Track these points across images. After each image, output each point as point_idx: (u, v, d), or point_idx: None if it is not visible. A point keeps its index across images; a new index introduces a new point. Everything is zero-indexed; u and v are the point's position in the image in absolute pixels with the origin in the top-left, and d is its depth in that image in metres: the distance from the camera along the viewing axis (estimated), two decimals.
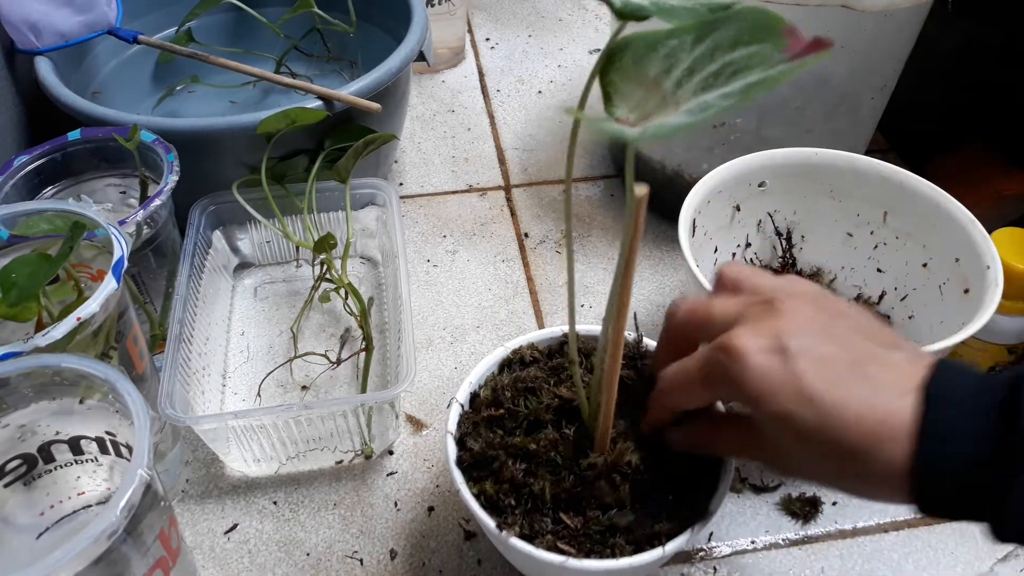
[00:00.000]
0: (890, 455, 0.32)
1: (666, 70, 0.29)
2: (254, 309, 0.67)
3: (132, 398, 0.41)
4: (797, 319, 0.35)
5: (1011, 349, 0.56)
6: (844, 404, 0.33)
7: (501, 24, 1.05)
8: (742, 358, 0.34)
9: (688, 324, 0.40)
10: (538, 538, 0.41)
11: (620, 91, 0.30)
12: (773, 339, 0.34)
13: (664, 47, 0.29)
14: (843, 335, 0.35)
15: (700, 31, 0.29)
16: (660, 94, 0.29)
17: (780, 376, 0.34)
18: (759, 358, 0.34)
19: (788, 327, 0.35)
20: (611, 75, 0.30)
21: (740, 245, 0.64)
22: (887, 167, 0.58)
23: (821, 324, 0.35)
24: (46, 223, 0.49)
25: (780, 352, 0.34)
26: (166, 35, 0.79)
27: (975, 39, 0.72)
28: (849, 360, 0.34)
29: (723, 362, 0.35)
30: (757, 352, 0.34)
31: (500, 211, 0.78)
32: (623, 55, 0.30)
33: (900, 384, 0.33)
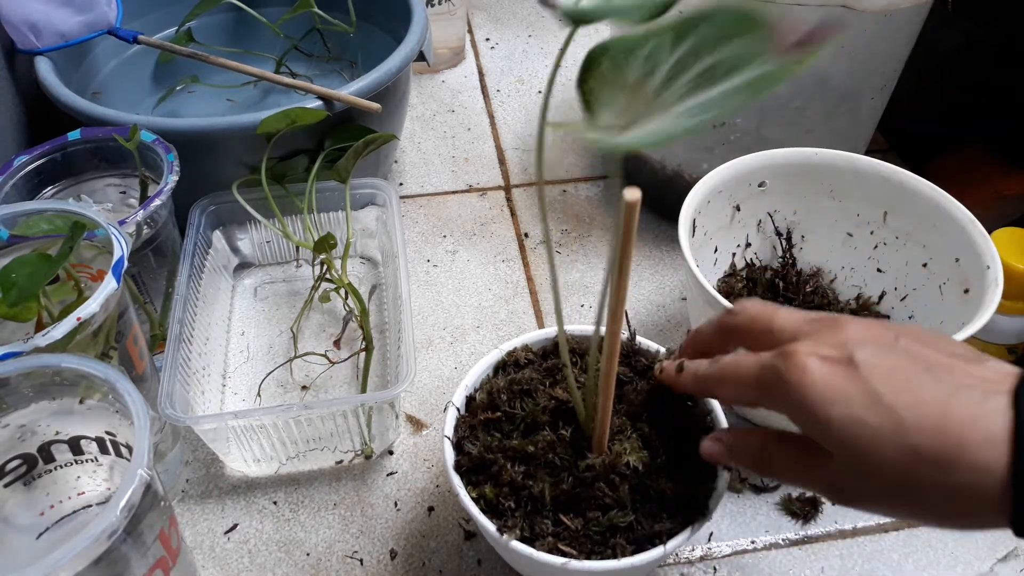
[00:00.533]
0: (985, 461, 0.29)
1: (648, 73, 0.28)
2: (254, 309, 0.67)
3: (132, 398, 0.41)
4: (863, 331, 0.34)
5: (1011, 349, 0.56)
6: (922, 404, 0.30)
7: (501, 24, 1.05)
8: (802, 365, 0.33)
9: (749, 329, 0.38)
10: (539, 540, 0.41)
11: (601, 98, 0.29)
12: (838, 348, 0.33)
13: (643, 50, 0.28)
14: (913, 346, 0.33)
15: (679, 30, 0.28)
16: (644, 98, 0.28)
17: (844, 382, 0.32)
18: (821, 366, 0.33)
19: (854, 338, 0.33)
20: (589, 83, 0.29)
21: (740, 245, 0.64)
22: (887, 167, 0.58)
23: (889, 337, 0.34)
24: (46, 223, 0.49)
25: (845, 361, 0.32)
26: (166, 35, 0.79)
27: (975, 39, 0.72)
28: (923, 366, 0.32)
29: (781, 369, 0.34)
30: (819, 361, 0.33)
31: (500, 211, 0.78)
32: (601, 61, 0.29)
33: (984, 387, 0.30)
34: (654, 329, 0.67)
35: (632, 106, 0.28)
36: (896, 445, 0.30)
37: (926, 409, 0.30)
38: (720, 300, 0.49)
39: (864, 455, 0.31)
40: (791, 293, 0.62)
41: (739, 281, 0.63)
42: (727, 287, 0.63)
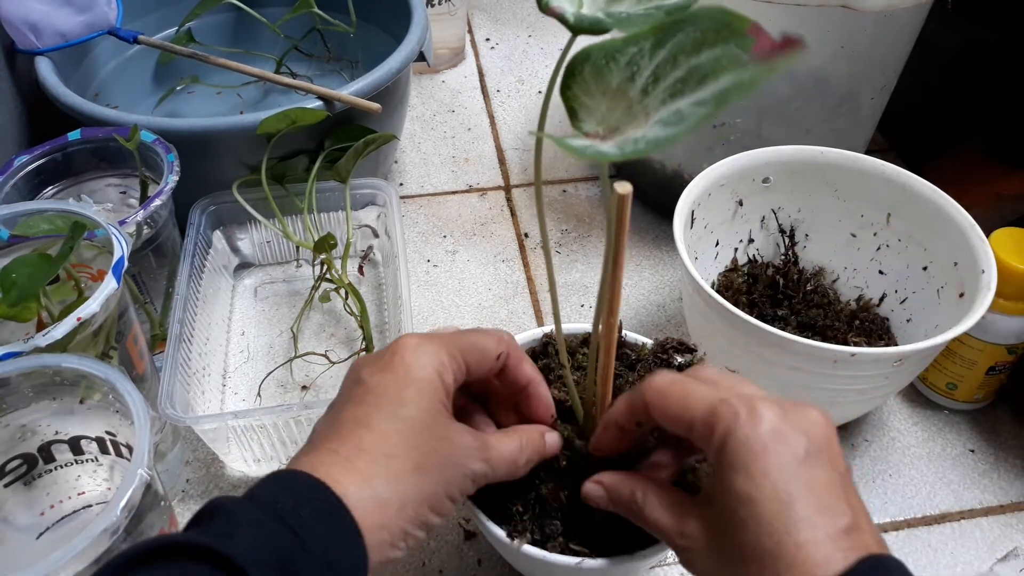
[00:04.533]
0: None
1: (629, 79, 0.28)
2: (254, 309, 0.67)
3: (132, 398, 0.41)
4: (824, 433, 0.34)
5: (1011, 349, 0.56)
6: (808, 525, 0.31)
7: (501, 24, 1.05)
8: (759, 426, 0.33)
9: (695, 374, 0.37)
10: (550, 542, 0.41)
11: (584, 105, 0.29)
12: (794, 430, 0.33)
13: (623, 55, 0.28)
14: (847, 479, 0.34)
15: (658, 36, 0.28)
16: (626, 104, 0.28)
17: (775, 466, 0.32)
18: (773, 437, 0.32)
19: (815, 434, 0.33)
20: (573, 89, 0.29)
21: (743, 240, 0.64)
22: (892, 168, 0.58)
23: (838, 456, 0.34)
24: (46, 223, 0.49)
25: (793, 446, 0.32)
26: (166, 35, 0.79)
27: (975, 39, 0.72)
28: (842, 500, 0.32)
29: (739, 415, 0.33)
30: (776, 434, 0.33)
31: (500, 211, 0.78)
32: (583, 67, 0.29)
33: (860, 543, 0.31)
34: (654, 328, 0.67)
35: (614, 111, 0.29)
36: (760, 534, 0.31)
37: (806, 531, 0.31)
38: (703, 285, 0.49)
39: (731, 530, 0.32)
40: (791, 291, 0.62)
41: (740, 276, 0.63)
42: (727, 281, 0.63)
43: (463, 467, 0.37)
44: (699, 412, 0.34)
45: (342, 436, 0.35)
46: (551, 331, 0.50)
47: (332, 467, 0.33)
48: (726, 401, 0.34)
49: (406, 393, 0.36)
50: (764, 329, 0.48)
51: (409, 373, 0.36)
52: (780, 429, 0.33)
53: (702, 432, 0.34)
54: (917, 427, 0.60)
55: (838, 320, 0.61)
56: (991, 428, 0.60)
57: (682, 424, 0.35)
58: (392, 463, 0.34)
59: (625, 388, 0.46)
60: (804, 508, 0.31)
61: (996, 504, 0.56)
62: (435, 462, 0.36)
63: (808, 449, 0.33)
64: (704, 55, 0.27)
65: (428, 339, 0.38)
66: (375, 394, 0.36)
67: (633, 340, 0.50)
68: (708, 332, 0.54)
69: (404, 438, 0.35)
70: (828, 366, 0.48)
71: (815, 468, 0.32)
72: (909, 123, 0.81)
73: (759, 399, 0.34)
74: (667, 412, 0.36)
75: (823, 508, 0.32)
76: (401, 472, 0.34)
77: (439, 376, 0.37)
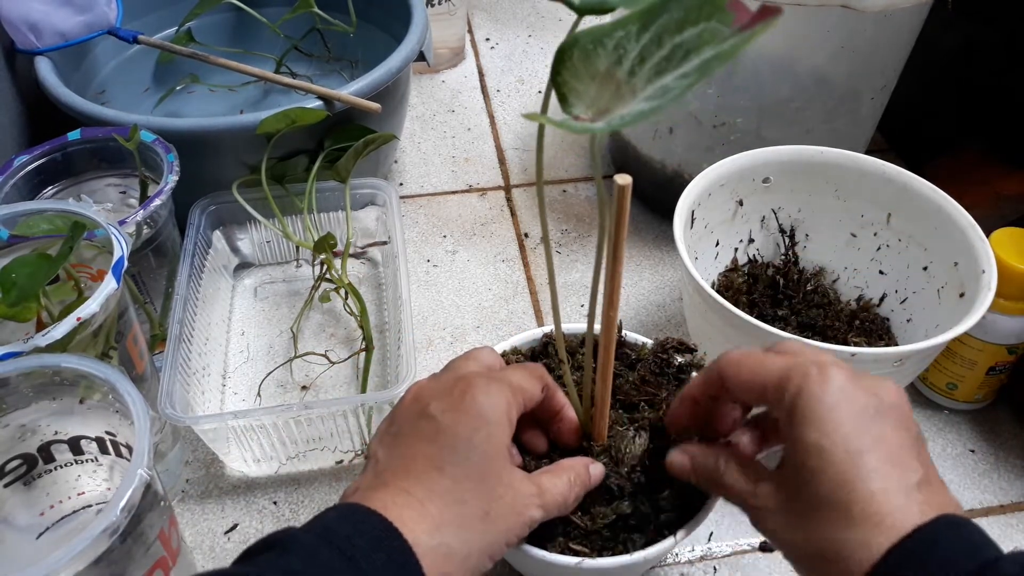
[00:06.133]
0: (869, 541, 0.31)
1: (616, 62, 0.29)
2: (254, 309, 0.67)
3: (132, 398, 0.41)
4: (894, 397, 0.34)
5: (1011, 349, 0.56)
6: (880, 476, 0.32)
7: (501, 24, 1.05)
8: (829, 383, 0.33)
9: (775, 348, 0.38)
10: (550, 542, 0.41)
11: (574, 89, 0.29)
12: (868, 395, 0.34)
13: (611, 40, 0.29)
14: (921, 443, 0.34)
15: (643, 19, 0.29)
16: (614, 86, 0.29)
17: (847, 421, 0.33)
18: (841, 395, 0.33)
19: (881, 391, 0.34)
20: (563, 75, 0.29)
21: (743, 240, 0.64)
22: (892, 168, 0.58)
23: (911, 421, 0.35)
24: (46, 223, 0.49)
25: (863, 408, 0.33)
26: (166, 35, 0.79)
27: (975, 39, 0.72)
28: (914, 457, 0.33)
29: (810, 375, 0.34)
30: (843, 389, 0.33)
31: (500, 211, 0.78)
32: (572, 53, 0.29)
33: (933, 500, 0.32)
34: (654, 328, 0.67)
35: (603, 94, 0.29)
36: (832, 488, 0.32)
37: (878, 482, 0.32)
38: (703, 285, 0.49)
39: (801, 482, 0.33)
40: (791, 291, 0.62)
41: (740, 276, 0.63)
42: (727, 282, 0.63)
43: (523, 515, 0.37)
44: (772, 377, 0.35)
45: (415, 476, 0.35)
46: (551, 331, 0.50)
47: (405, 509, 0.33)
48: (798, 363, 0.35)
49: (477, 437, 0.36)
50: (764, 329, 0.48)
51: (482, 416, 0.36)
52: (850, 387, 0.34)
53: (775, 395, 0.35)
54: None
55: (838, 320, 0.61)
56: (991, 428, 0.60)
57: (755, 390, 0.36)
58: (463, 510, 0.35)
59: (625, 387, 0.46)
60: (875, 460, 0.32)
61: (996, 504, 0.56)
62: (500, 510, 0.36)
63: (879, 407, 0.34)
64: (687, 32, 0.28)
65: (495, 380, 0.38)
66: (447, 435, 0.36)
67: (633, 340, 0.50)
68: (708, 332, 0.54)
69: (475, 484, 0.35)
70: None
71: (885, 424, 0.33)
72: (909, 123, 0.81)
73: (832, 362, 0.35)
74: (741, 380, 0.37)
75: (894, 461, 0.32)
76: (470, 520, 0.35)
77: (507, 419, 0.37)
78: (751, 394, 0.37)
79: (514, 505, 0.36)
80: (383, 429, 0.39)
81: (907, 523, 0.31)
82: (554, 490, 0.38)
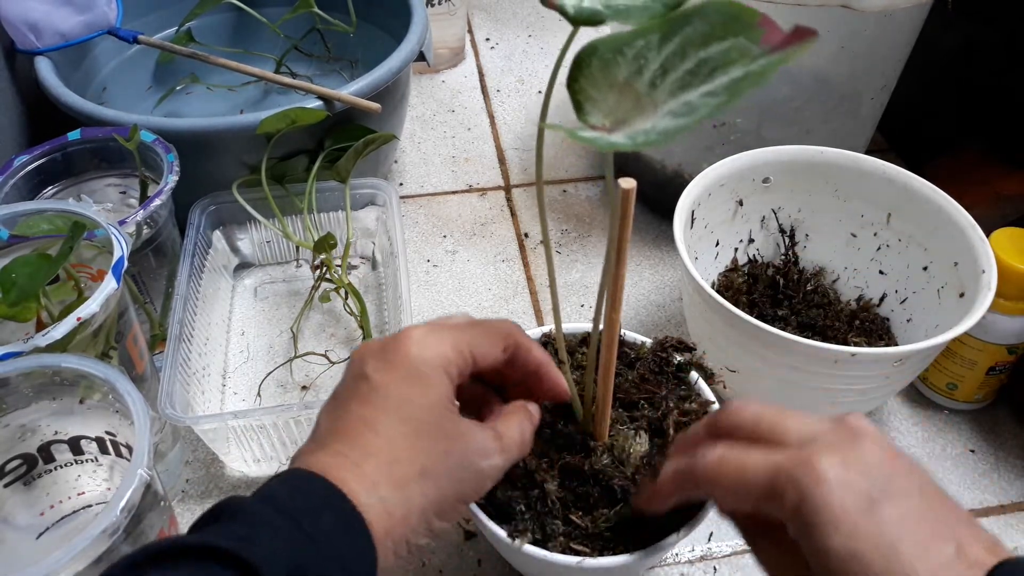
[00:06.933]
0: None
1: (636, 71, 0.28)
2: (254, 309, 0.67)
3: (132, 398, 0.41)
4: (886, 461, 0.33)
5: (1011, 349, 0.56)
6: (920, 561, 0.31)
7: (501, 24, 1.05)
8: (826, 483, 0.32)
9: (754, 428, 0.36)
10: (551, 541, 0.41)
11: (591, 98, 0.29)
12: (862, 476, 0.32)
13: (631, 48, 0.28)
14: (930, 491, 0.33)
15: (666, 29, 0.28)
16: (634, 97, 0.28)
17: (861, 517, 0.31)
18: (843, 491, 0.32)
19: (877, 466, 0.33)
20: (580, 82, 0.29)
21: (743, 240, 0.64)
22: (892, 168, 0.58)
23: (909, 475, 0.33)
24: (46, 223, 0.49)
25: (867, 492, 0.32)
26: (166, 35, 0.79)
27: (975, 39, 0.72)
28: (933, 521, 0.32)
29: (801, 480, 0.32)
30: (843, 483, 0.32)
31: (500, 211, 0.78)
32: (590, 61, 0.29)
33: (973, 559, 0.31)
34: (654, 328, 0.67)
35: (621, 104, 0.28)
36: None
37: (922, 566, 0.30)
38: (703, 285, 0.49)
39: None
40: (792, 291, 0.62)
41: (740, 276, 0.63)
42: (727, 282, 0.63)
43: (477, 466, 0.36)
44: (758, 484, 0.33)
45: (350, 438, 0.35)
46: (551, 330, 0.50)
47: (343, 471, 0.33)
48: (781, 470, 0.33)
49: (411, 392, 0.35)
50: (764, 329, 0.48)
51: (415, 370, 0.36)
52: (848, 476, 0.32)
53: (769, 504, 0.33)
54: (917, 427, 0.60)
55: (838, 320, 0.61)
56: (991, 428, 0.60)
57: (742, 500, 0.34)
58: (397, 469, 0.34)
59: (624, 386, 0.46)
60: (909, 545, 0.31)
61: (996, 504, 0.56)
62: (444, 466, 0.35)
63: (883, 487, 0.32)
64: (713, 48, 0.27)
65: (433, 332, 0.37)
66: (380, 393, 0.35)
67: (632, 339, 0.50)
68: (708, 332, 0.54)
69: (410, 442, 0.34)
70: (828, 366, 0.48)
71: (897, 503, 0.32)
72: (909, 123, 0.81)
73: (813, 454, 0.33)
74: (725, 494, 0.35)
75: (926, 537, 0.31)
76: (406, 479, 0.34)
77: (444, 372, 0.36)
78: (738, 503, 0.35)
79: (463, 458, 0.35)
80: (328, 398, 0.38)
81: None
82: (510, 432, 0.38)
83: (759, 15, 0.27)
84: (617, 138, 0.27)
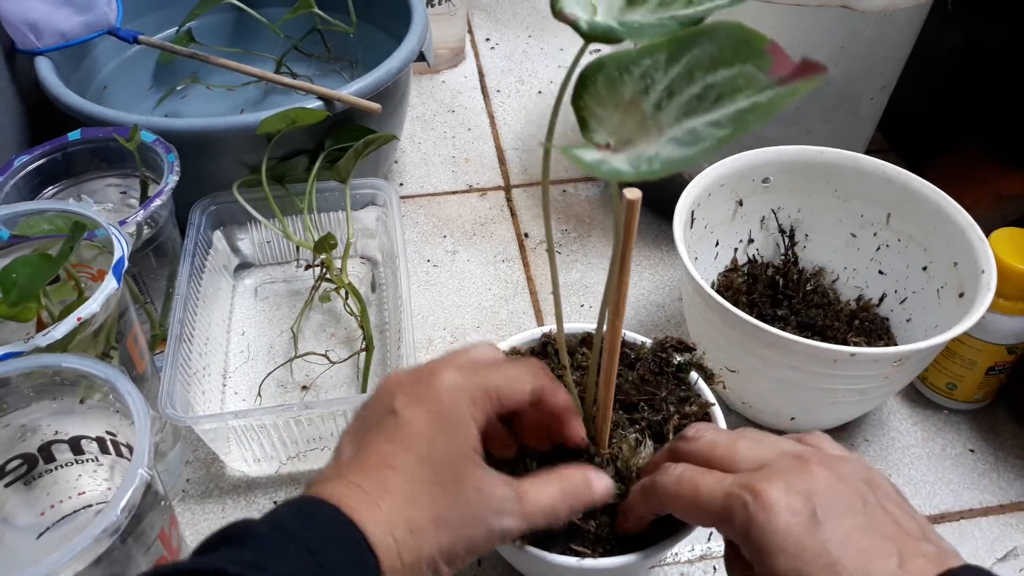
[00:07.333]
0: None
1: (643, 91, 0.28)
2: (254, 309, 0.67)
3: (132, 398, 0.41)
4: (830, 483, 0.34)
5: (1011, 349, 0.56)
6: None
7: (501, 24, 1.05)
8: (770, 508, 0.33)
9: (707, 456, 0.37)
10: (551, 542, 0.41)
11: (596, 116, 0.28)
12: (805, 499, 0.33)
13: (638, 67, 0.28)
14: (876, 512, 0.34)
15: (673, 50, 0.27)
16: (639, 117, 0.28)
17: (804, 538, 0.33)
18: (787, 515, 0.33)
19: (821, 489, 0.34)
20: (585, 99, 0.28)
21: (743, 240, 0.64)
22: (892, 168, 0.58)
23: (854, 494, 0.34)
24: (47, 223, 0.49)
25: (810, 514, 0.33)
26: (166, 35, 0.79)
27: (975, 39, 0.72)
28: (879, 536, 0.33)
29: (748, 505, 0.34)
30: (787, 508, 0.33)
31: (500, 211, 0.78)
32: (596, 78, 0.28)
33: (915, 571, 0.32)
34: (654, 328, 0.67)
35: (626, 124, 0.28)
36: None
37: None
38: (703, 285, 0.49)
39: None
40: (791, 291, 0.62)
41: (740, 276, 0.63)
42: (727, 282, 0.63)
43: (490, 524, 0.35)
44: (712, 509, 0.35)
45: (368, 472, 0.34)
46: (550, 331, 0.50)
47: (359, 505, 0.33)
48: (731, 495, 0.34)
49: (436, 435, 0.35)
50: (764, 329, 0.48)
51: (443, 413, 0.35)
52: (790, 504, 0.33)
53: (722, 525, 0.35)
54: (917, 427, 0.60)
55: (838, 320, 0.61)
56: (991, 428, 0.60)
57: (699, 519, 0.36)
58: (411, 512, 0.34)
59: (625, 387, 0.46)
60: (851, 563, 0.32)
61: (996, 504, 0.56)
62: (458, 516, 0.34)
63: (827, 508, 0.33)
64: (720, 73, 0.27)
65: (464, 374, 0.37)
66: (405, 431, 0.35)
67: (632, 339, 0.50)
68: (708, 332, 0.54)
69: (428, 487, 0.34)
70: (828, 366, 0.48)
71: (840, 522, 0.33)
72: (909, 123, 0.81)
73: (760, 480, 0.34)
74: (684, 512, 0.37)
75: (868, 554, 0.32)
76: (420, 524, 0.34)
77: (472, 418, 0.36)
78: (697, 521, 0.37)
79: (478, 513, 0.35)
80: (353, 420, 0.38)
81: None
82: (539, 498, 0.36)
83: (768, 41, 0.27)
84: (620, 164, 0.27)
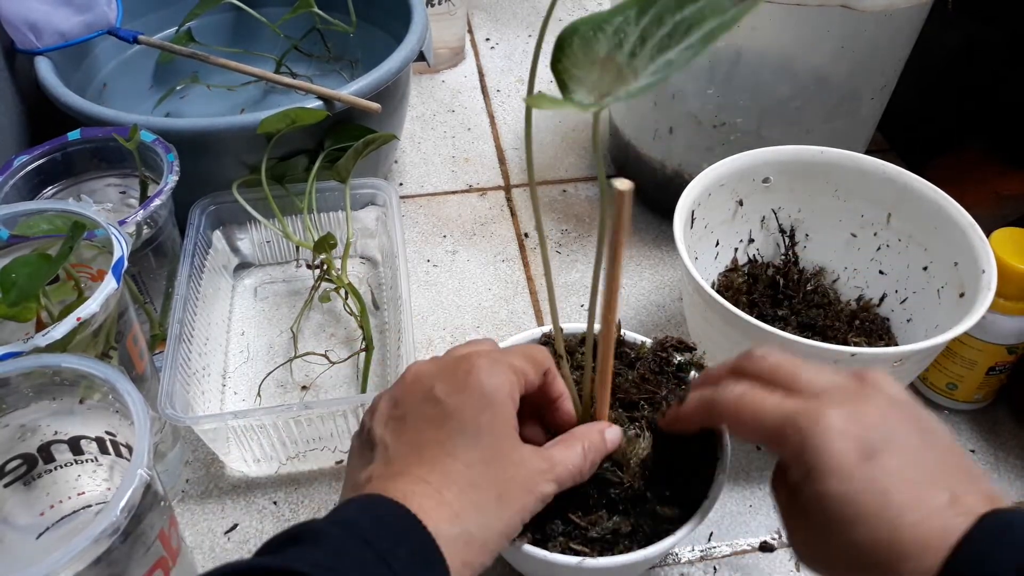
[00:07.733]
0: (924, 564, 0.31)
1: (616, 45, 0.29)
2: (254, 309, 0.67)
3: (132, 398, 0.41)
4: (888, 415, 0.35)
5: (1011, 349, 0.56)
6: (911, 507, 0.32)
7: (501, 24, 1.05)
8: (827, 431, 0.33)
9: (771, 377, 0.38)
10: (551, 542, 0.41)
11: (575, 76, 0.30)
12: (862, 427, 0.34)
13: (610, 25, 0.29)
14: (929, 446, 0.34)
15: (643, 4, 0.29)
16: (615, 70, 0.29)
17: (859, 464, 0.33)
18: (843, 440, 0.33)
19: (878, 420, 0.34)
20: (563, 62, 0.30)
21: (743, 240, 0.64)
22: (892, 168, 0.58)
23: (910, 428, 0.35)
24: (46, 223, 0.49)
25: (866, 442, 0.33)
26: (166, 35, 0.79)
27: (975, 39, 0.72)
28: (931, 470, 0.33)
29: (805, 429, 0.34)
30: (843, 433, 0.33)
31: (500, 211, 0.78)
32: (572, 40, 0.30)
33: (967, 508, 0.32)
34: (654, 328, 0.67)
35: (604, 79, 0.29)
36: (871, 529, 0.32)
37: (914, 511, 0.32)
38: (703, 285, 0.49)
39: (836, 525, 0.33)
40: (792, 291, 0.62)
41: (740, 276, 0.63)
42: (727, 282, 0.63)
43: (535, 491, 0.37)
44: (769, 427, 0.36)
45: (428, 463, 0.35)
46: (550, 331, 0.50)
47: (424, 499, 0.34)
48: (789, 415, 0.35)
49: (484, 419, 0.36)
50: (764, 329, 0.48)
51: (487, 397, 0.37)
52: (847, 430, 0.34)
53: (776, 447, 0.36)
54: None
55: (838, 320, 0.61)
56: (991, 428, 0.60)
57: (755, 436, 0.37)
58: (478, 495, 0.35)
59: (624, 386, 0.46)
60: (902, 494, 0.32)
61: None
62: (513, 490, 0.36)
63: (884, 439, 0.34)
64: (688, 9, 0.28)
65: (496, 360, 0.38)
66: (455, 418, 0.36)
67: (632, 339, 0.50)
68: (708, 332, 0.54)
69: (486, 467, 0.35)
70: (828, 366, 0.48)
71: (895, 454, 0.33)
72: (909, 123, 0.81)
73: (824, 404, 0.35)
74: (740, 425, 0.37)
75: (920, 487, 0.33)
76: (486, 504, 0.35)
77: (510, 399, 0.37)
78: (750, 439, 0.38)
79: (526, 482, 0.36)
80: (385, 412, 0.38)
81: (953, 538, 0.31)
82: (567, 461, 0.38)
83: None
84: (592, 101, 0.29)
